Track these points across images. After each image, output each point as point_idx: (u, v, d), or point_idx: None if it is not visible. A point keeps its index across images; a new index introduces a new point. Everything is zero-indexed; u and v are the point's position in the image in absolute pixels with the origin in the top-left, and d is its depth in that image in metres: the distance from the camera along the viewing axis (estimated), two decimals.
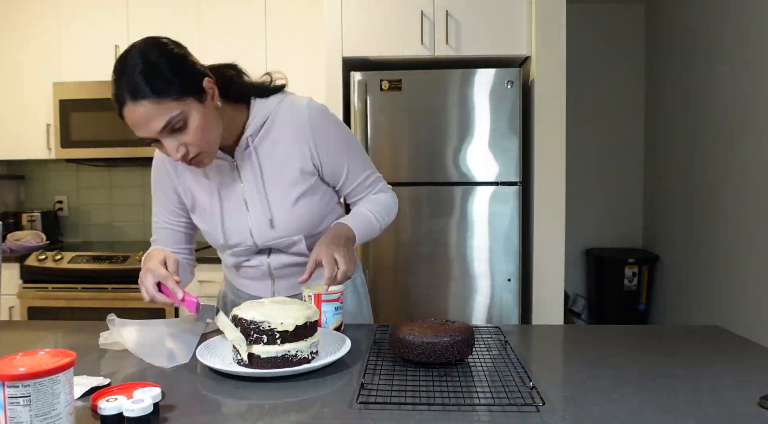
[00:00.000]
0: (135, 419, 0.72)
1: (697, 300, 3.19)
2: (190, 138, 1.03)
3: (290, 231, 1.21)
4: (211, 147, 1.08)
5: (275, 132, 1.18)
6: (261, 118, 1.17)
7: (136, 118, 0.99)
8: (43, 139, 2.88)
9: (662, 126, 3.63)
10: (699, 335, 1.19)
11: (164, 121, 0.99)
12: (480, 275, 2.44)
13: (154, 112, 0.98)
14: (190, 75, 1.03)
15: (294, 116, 1.18)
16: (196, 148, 1.05)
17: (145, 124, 0.99)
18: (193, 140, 1.03)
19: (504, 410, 0.78)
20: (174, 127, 1.01)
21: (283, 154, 1.18)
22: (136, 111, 0.98)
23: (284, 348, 0.92)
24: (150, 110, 0.98)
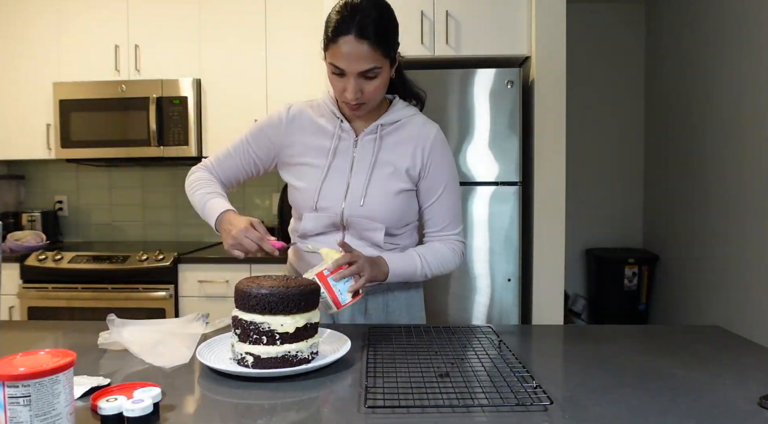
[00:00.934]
0: (135, 419, 0.72)
1: (697, 300, 3.19)
2: (370, 89, 1.18)
3: (378, 215, 1.27)
4: (375, 103, 1.24)
5: (402, 134, 1.30)
6: (396, 117, 1.30)
7: (349, 50, 1.12)
8: (43, 139, 2.88)
9: (662, 126, 3.63)
10: (699, 335, 1.19)
11: (368, 66, 1.14)
12: (480, 275, 2.44)
13: (366, 56, 1.13)
14: (396, 43, 1.22)
15: (423, 129, 1.31)
16: (366, 98, 1.19)
17: (354, 59, 1.13)
18: (371, 92, 1.19)
19: (513, 410, 0.78)
20: (368, 74, 1.16)
21: (401, 153, 1.29)
22: (353, 45, 1.12)
23: (284, 349, 0.92)
24: (364, 52, 1.13)
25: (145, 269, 2.54)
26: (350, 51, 1.12)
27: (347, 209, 1.26)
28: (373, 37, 1.12)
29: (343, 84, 1.18)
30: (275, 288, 0.93)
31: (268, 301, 0.92)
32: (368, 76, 1.17)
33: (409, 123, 1.31)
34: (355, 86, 1.17)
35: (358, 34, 1.11)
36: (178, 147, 2.77)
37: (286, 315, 0.93)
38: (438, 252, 1.30)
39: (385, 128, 1.30)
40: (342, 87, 1.19)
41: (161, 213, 3.25)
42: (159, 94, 2.76)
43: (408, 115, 1.32)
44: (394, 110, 1.31)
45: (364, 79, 1.17)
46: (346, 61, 1.14)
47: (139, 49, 2.84)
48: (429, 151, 1.29)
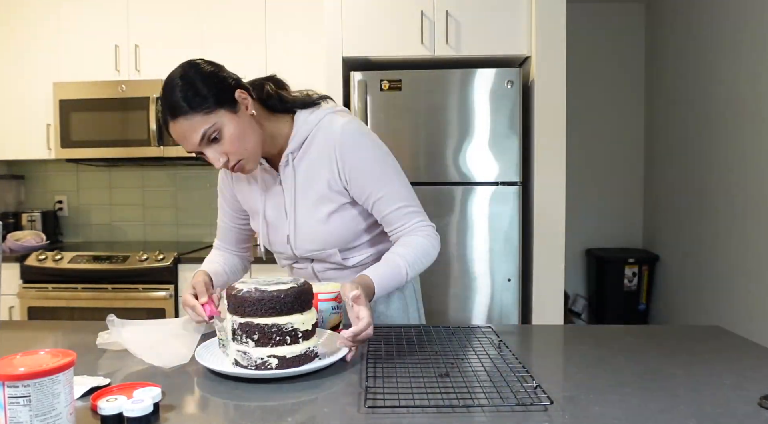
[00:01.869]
0: (135, 419, 0.72)
1: (697, 300, 3.19)
2: (227, 147, 1.10)
3: (324, 244, 1.25)
4: (250, 154, 1.13)
5: (312, 150, 1.21)
6: (302, 135, 1.21)
7: (177, 133, 1.08)
8: (43, 139, 2.88)
9: (662, 126, 3.63)
10: (699, 335, 1.19)
11: (200, 134, 1.07)
12: (480, 275, 2.44)
13: (190, 127, 1.07)
14: (221, 88, 1.09)
15: (327, 135, 1.20)
16: (235, 156, 1.11)
17: (185, 138, 1.08)
18: (231, 149, 1.10)
19: (513, 410, 0.78)
20: (210, 138, 1.08)
21: (315, 172, 1.22)
22: (176, 127, 1.07)
23: (305, 346, 0.95)
24: (186, 126, 1.07)
25: (145, 269, 2.54)
26: (177, 134, 1.08)
27: (295, 249, 1.27)
28: (184, 107, 1.05)
29: (208, 159, 1.12)
30: (287, 288, 0.94)
31: (286, 302, 0.93)
32: (212, 139, 1.09)
33: (316, 135, 1.21)
34: (211, 155, 1.10)
35: (171, 116, 1.07)
36: (178, 147, 2.77)
37: (302, 313, 0.95)
38: (416, 246, 1.20)
39: (294, 154, 1.22)
40: (211, 162, 1.12)
41: (161, 213, 3.25)
42: (159, 94, 2.75)
43: (314, 126, 1.21)
44: (297, 131, 1.21)
45: (213, 144, 1.09)
46: (183, 142, 1.09)
47: (139, 49, 2.84)
48: (338, 155, 1.18)
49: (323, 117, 1.22)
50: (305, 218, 1.24)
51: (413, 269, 1.19)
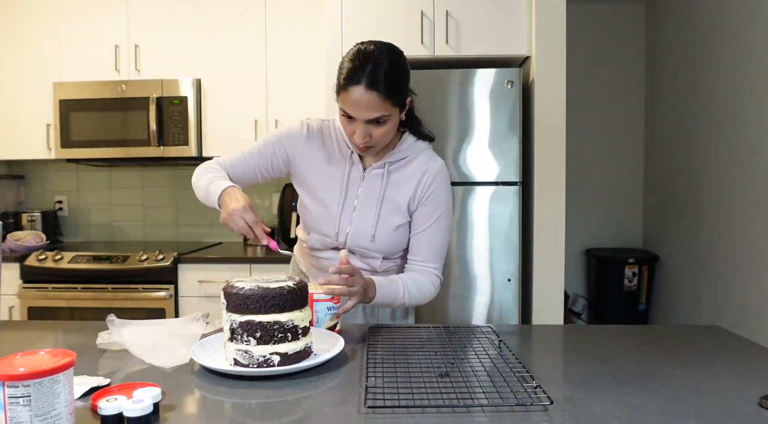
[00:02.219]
0: (135, 419, 0.72)
1: (697, 300, 3.19)
2: (378, 134, 1.22)
3: (378, 248, 1.33)
4: (382, 146, 1.27)
5: (407, 171, 1.34)
6: (404, 153, 1.34)
7: (358, 99, 1.16)
8: (43, 139, 2.88)
9: (662, 126, 3.63)
10: (699, 335, 1.19)
11: (376, 115, 1.18)
12: (480, 275, 2.44)
13: (374, 105, 1.16)
14: (406, 90, 1.25)
15: (429, 165, 1.34)
16: (374, 142, 1.23)
17: (363, 108, 1.16)
18: (379, 137, 1.23)
19: (513, 410, 0.78)
20: (378, 120, 1.19)
21: (403, 190, 1.33)
22: (362, 95, 1.15)
23: (304, 342, 0.96)
24: (373, 102, 1.16)
25: (145, 269, 2.54)
26: (359, 100, 1.16)
27: (350, 241, 1.33)
28: (383, 88, 1.16)
29: (353, 128, 1.22)
30: (289, 285, 0.96)
31: (287, 299, 0.94)
32: (377, 123, 1.20)
33: (415, 160, 1.35)
34: (363, 131, 1.21)
35: (368, 85, 1.15)
36: (178, 147, 2.77)
37: (301, 310, 0.97)
38: (420, 284, 1.31)
39: (392, 164, 1.34)
40: (351, 130, 1.23)
41: (161, 213, 3.25)
42: (159, 94, 2.76)
43: (415, 152, 1.35)
44: (402, 147, 1.34)
45: (372, 125, 1.21)
46: (355, 109, 1.17)
47: (139, 49, 2.84)
48: (429, 183, 1.33)
49: (426, 149, 1.38)
50: (380, 219, 1.32)
51: (408, 298, 1.29)
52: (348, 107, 1.19)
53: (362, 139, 1.21)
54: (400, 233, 1.34)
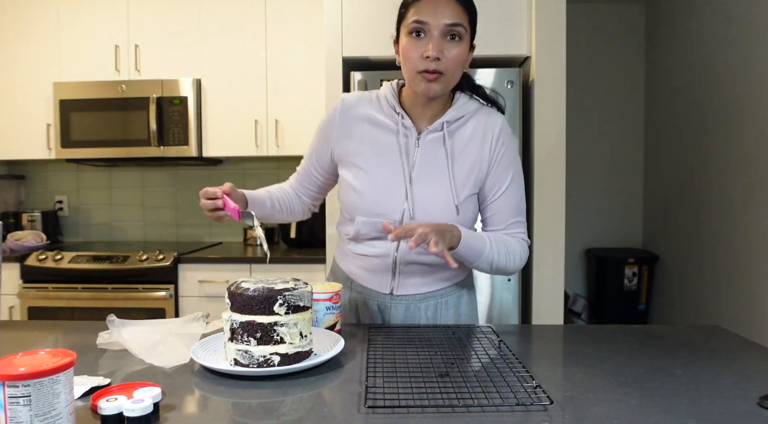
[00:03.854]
0: (135, 419, 0.72)
1: (697, 300, 3.19)
2: (451, 54, 1.12)
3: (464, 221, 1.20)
4: (450, 79, 1.15)
5: (466, 131, 1.22)
6: (461, 112, 1.22)
7: (438, 3, 1.11)
8: (43, 139, 2.88)
9: (662, 126, 3.63)
10: (699, 335, 1.19)
11: (456, 20, 1.11)
12: (480, 275, 2.44)
13: (456, 11, 1.12)
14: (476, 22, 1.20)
15: (489, 122, 1.23)
16: (444, 66, 1.12)
17: (442, 11, 1.10)
18: (450, 58, 1.12)
19: (513, 410, 0.78)
20: (453, 32, 1.12)
21: (468, 153, 1.21)
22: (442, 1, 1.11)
23: (303, 342, 0.95)
24: (452, 6, 1.11)
25: (145, 269, 2.54)
26: (438, 3, 1.11)
27: (406, 216, 1.18)
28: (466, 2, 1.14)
29: (423, 45, 1.12)
30: (294, 286, 0.96)
31: (291, 300, 0.94)
32: (452, 37, 1.12)
33: (473, 118, 1.23)
34: (438, 44, 1.11)
35: None
36: (178, 147, 2.77)
37: (304, 311, 0.96)
38: (506, 241, 1.20)
39: (450, 125, 1.21)
40: (421, 50, 1.12)
41: (161, 213, 3.25)
42: (159, 94, 2.76)
43: (472, 110, 1.24)
44: (457, 105, 1.22)
45: (447, 41, 1.12)
46: (433, 12, 1.10)
47: (139, 49, 2.84)
48: (496, 143, 1.22)
49: (481, 107, 1.26)
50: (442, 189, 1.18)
51: (495, 254, 1.17)
52: (423, 14, 1.11)
53: (432, 53, 1.10)
54: (466, 206, 1.21)
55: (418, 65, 1.13)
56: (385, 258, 1.23)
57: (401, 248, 1.21)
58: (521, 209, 1.26)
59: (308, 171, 1.34)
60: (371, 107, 1.24)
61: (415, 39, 1.13)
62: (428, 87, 1.14)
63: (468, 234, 1.13)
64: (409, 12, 1.14)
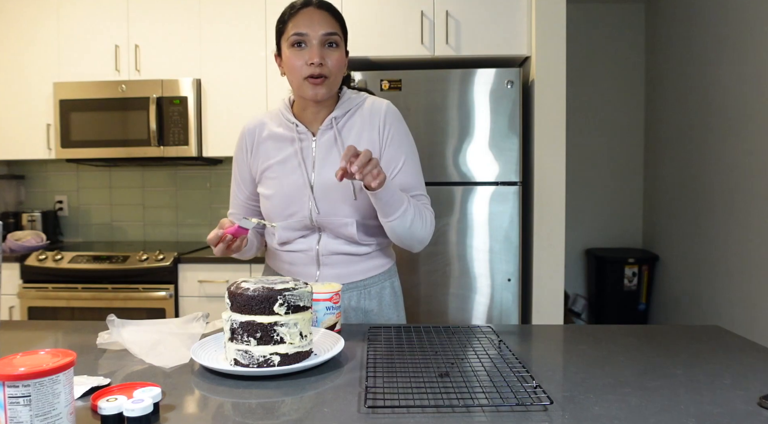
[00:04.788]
0: (135, 419, 0.72)
1: (697, 300, 3.19)
2: (331, 60, 1.25)
3: (347, 212, 1.29)
4: (333, 83, 1.27)
5: (355, 120, 1.33)
6: (347, 107, 1.33)
7: (312, 15, 1.23)
8: (43, 139, 2.88)
9: (662, 126, 3.63)
10: (699, 335, 1.19)
11: (329, 30, 1.24)
12: (480, 275, 2.44)
13: (329, 21, 1.24)
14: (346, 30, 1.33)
15: (374, 108, 1.33)
16: (327, 70, 1.24)
17: (318, 23, 1.23)
18: (333, 64, 1.25)
19: (513, 410, 0.78)
20: (331, 41, 1.24)
21: (361, 141, 1.31)
22: (316, 12, 1.24)
23: (304, 342, 0.96)
24: (326, 17, 1.25)
25: (145, 269, 2.54)
26: (313, 16, 1.23)
27: (314, 211, 1.29)
28: (333, 10, 1.27)
29: (306, 54, 1.23)
30: (293, 287, 0.96)
31: (291, 300, 0.94)
32: (330, 44, 1.24)
33: (360, 108, 1.34)
34: (318, 52, 1.23)
35: (318, 5, 1.25)
36: (178, 147, 2.77)
37: (304, 312, 0.96)
38: (418, 205, 1.29)
39: (339, 120, 1.32)
40: (305, 58, 1.23)
41: (161, 213, 3.25)
42: (159, 94, 2.76)
43: (357, 102, 1.34)
44: (343, 101, 1.34)
45: (326, 48, 1.24)
46: (309, 25, 1.22)
47: (139, 49, 2.84)
48: (383, 126, 1.32)
49: (367, 97, 1.37)
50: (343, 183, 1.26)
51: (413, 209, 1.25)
52: (301, 26, 1.23)
53: (316, 59, 1.22)
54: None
55: (304, 72, 1.24)
56: (309, 252, 1.34)
57: (322, 242, 1.32)
58: (421, 184, 1.36)
59: (247, 204, 1.44)
60: (272, 124, 1.36)
61: (298, 49, 1.24)
62: (315, 91, 1.25)
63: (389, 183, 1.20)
64: (288, 26, 1.26)
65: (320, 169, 1.30)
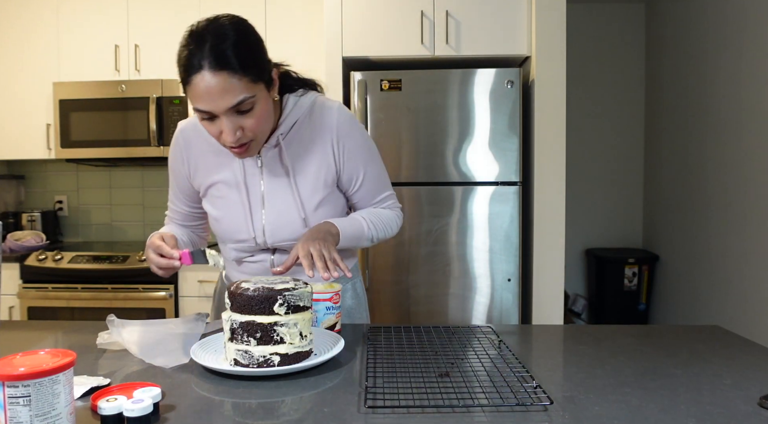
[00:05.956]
0: (135, 419, 0.72)
1: (697, 300, 3.19)
2: (251, 124, 1.01)
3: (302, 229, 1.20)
4: (262, 138, 1.08)
5: (304, 133, 1.18)
6: (293, 118, 1.17)
7: (209, 87, 0.95)
8: (43, 139, 2.88)
9: (662, 126, 3.63)
10: (699, 335, 1.19)
11: (238, 99, 0.97)
12: (480, 275, 2.44)
13: (232, 88, 0.96)
14: (267, 61, 1.04)
15: (323, 119, 1.18)
16: (251, 135, 1.03)
17: (218, 96, 0.95)
18: (253, 127, 1.02)
19: (513, 410, 0.78)
20: (242, 108, 0.99)
21: (309, 157, 1.18)
22: (212, 80, 0.94)
23: (304, 342, 0.95)
24: (228, 84, 0.95)
25: (145, 268, 2.54)
26: (209, 87, 0.95)
27: (272, 237, 1.20)
28: (234, 64, 0.95)
29: (217, 128, 1.01)
30: (293, 287, 0.95)
31: (291, 300, 0.94)
32: (242, 111, 0.99)
33: (309, 117, 1.18)
34: (231, 127, 1.00)
35: (213, 66, 0.94)
36: None
37: (304, 312, 0.96)
38: (379, 215, 1.25)
39: (285, 136, 1.17)
40: (216, 131, 1.02)
41: (161, 213, 3.23)
42: (159, 94, 2.76)
43: (304, 110, 1.18)
44: (287, 113, 1.16)
45: (238, 116, 1.00)
46: (208, 100, 0.96)
47: (139, 49, 2.84)
48: (335, 140, 1.18)
49: (314, 101, 1.20)
50: (290, 204, 1.18)
51: (374, 231, 1.23)
52: (200, 102, 0.96)
53: (233, 137, 1.00)
54: (324, 210, 1.20)
55: (221, 142, 1.05)
56: (263, 262, 1.25)
57: (276, 257, 1.24)
58: (386, 185, 1.29)
59: (186, 212, 1.32)
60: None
61: (206, 120, 1.02)
62: (240, 155, 1.08)
63: (344, 226, 1.16)
64: (186, 92, 1.00)
65: (268, 192, 1.18)
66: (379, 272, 2.46)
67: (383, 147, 2.43)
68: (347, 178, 1.23)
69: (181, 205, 1.32)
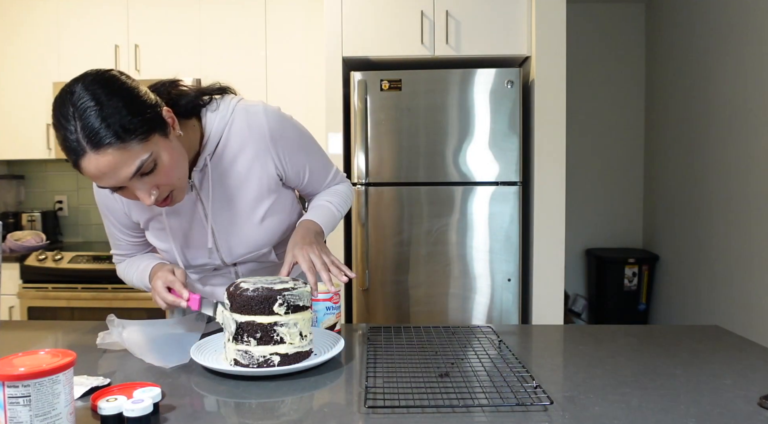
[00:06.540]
0: (135, 419, 0.72)
1: (697, 300, 3.19)
2: (162, 178, 0.92)
3: (259, 246, 1.18)
4: (183, 182, 0.98)
5: (233, 146, 1.09)
6: (217, 134, 1.08)
7: (100, 168, 0.86)
8: (43, 139, 2.88)
9: (662, 126, 3.63)
10: (699, 335, 1.19)
11: (135, 168, 0.87)
12: (480, 275, 2.44)
13: (123, 159, 0.86)
14: (149, 109, 0.89)
15: (251, 127, 1.09)
16: (168, 188, 0.95)
17: (113, 173, 0.87)
18: (166, 180, 0.93)
19: (513, 410, 0.78)
20: (144, 171, 0.89)
21: (246, 170, 1.11)
22: (100, 161, 0.85)
23: (304, 343, 0.95)
24: (118, 158, 0.85)
25: None
26: (100, 169, 0.86)
27: (227, 257, 1.17)
28: (111, 137, 0.84)
29: (131, 193, 0.93)
30: (293, 287, 0.95)
31: (291, 300, 0.94)
32: (146, 173, 0.90)
33: (233, 128, 1.09)
34: (142, 190, 0.92)
35: (94, 148, 0.84)
36: None
37: (304, 311, 0.96)
38: (337, 192, 1.28)
39: (212, 156, 1.08)
40: (132, 196, 0.94)
41: None
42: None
43: (227, 121, 1.09)
44: (208, 129, 1.07)
45: (145, 177, 0.91)
46: (106, 179, 0.88)
47: (139, 49, 2.84)
48: (272, 144, 1.11)
49: (234, 109, 1.10)
50: (237, 221, 1.14)
51: (341, 208, 1.26)
52: (99, 181, 0.89)
53: (151, 198, 0.92)
54: (273, 218, 1.16)
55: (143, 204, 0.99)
56: (228, 274, 1.24)
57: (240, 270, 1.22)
58: (329, 169, 1.28)
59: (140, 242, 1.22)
60: None
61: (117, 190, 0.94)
62: (170, 205, 1.00)
63: (322, 220, 1.18)
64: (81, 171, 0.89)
65: (213, 214, 1.12)
66: (379, 272, 2.46)
67: (383, 147, 2.43)
68: (293, 176, 1.19)
69: (129, 238, 1.21)
